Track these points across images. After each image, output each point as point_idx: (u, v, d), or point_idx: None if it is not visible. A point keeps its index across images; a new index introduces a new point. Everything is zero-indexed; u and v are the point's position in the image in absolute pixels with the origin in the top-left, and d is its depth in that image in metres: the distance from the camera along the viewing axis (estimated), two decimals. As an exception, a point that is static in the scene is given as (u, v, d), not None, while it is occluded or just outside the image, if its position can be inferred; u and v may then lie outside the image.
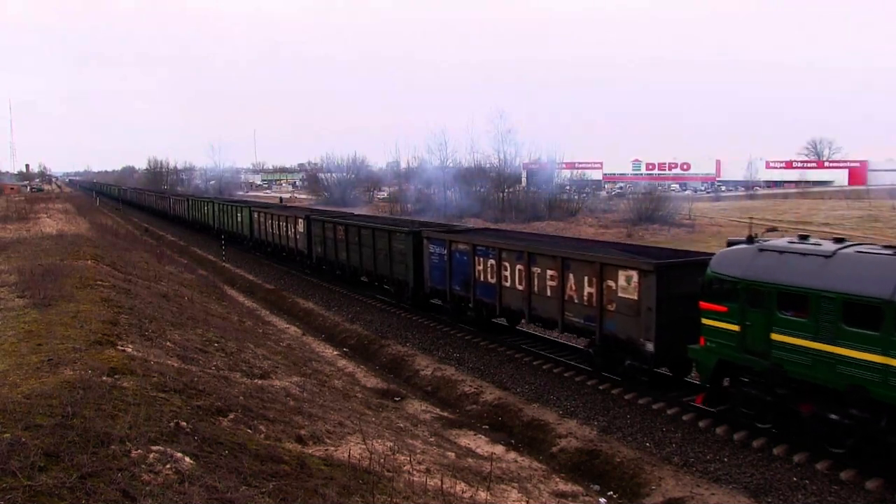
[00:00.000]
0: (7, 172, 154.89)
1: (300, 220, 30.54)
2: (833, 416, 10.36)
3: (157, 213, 71.34)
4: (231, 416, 8.22)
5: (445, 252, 19.17)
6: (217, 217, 45.77)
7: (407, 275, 21.46)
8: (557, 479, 10.65)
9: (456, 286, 19.03)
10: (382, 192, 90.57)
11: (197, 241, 46.40)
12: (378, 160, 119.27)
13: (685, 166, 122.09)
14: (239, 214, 40.81)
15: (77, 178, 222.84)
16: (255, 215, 37.52)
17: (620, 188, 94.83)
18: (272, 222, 34.51)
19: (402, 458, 8.57)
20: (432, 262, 20.02)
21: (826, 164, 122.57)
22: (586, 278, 14.44)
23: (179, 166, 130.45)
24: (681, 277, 12.98)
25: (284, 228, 32.58)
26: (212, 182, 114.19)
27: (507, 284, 16.89)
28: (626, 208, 56.23)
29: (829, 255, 10.43)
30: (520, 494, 8.94)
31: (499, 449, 12.16)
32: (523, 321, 17.63)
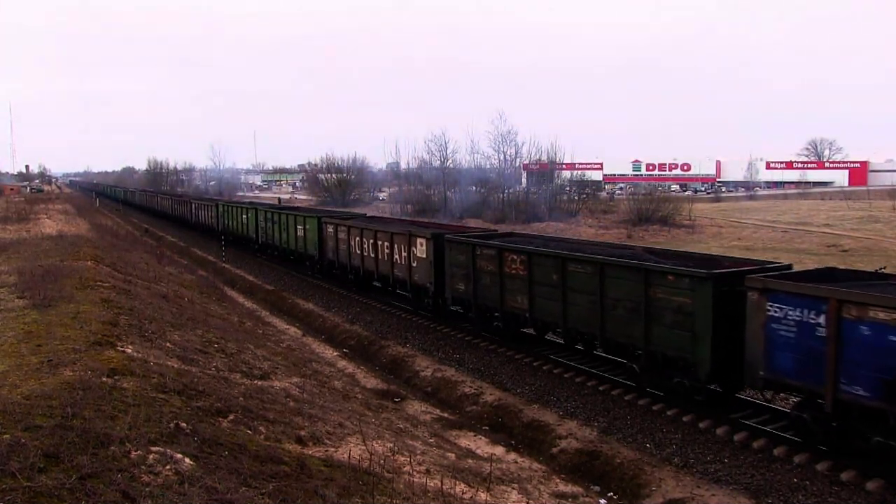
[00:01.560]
0: (7, 173, 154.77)
1: (420, 241, 20.73)
2: None
3: (173, 220, 60.38)
4: (231, 416, 8.22)
5: (822, 321, 10.48)
6: (263, 229, 35.66)
7: (693, 350, 12.45)
8: (557, 480, 10.65)
9: (854, 388, 10.26)
10: (382, 193, 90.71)
11: (197, 243, 46.40)
12: (378, 161, 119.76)
13: (685, 167, 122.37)
14: (300, 227, 30.32)
15: (77, 178, 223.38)
16: (329, 230, 27.19)
17: (622, 188, 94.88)
18: (360, 241, 24.52)
19: (402, 458, 8.56)
20: (776, 335, 11.22)
21: (826, 164, 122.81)
22: None
23: (179, 167, 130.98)
24: None
25: (386, 251, 22.69)
26: (212, 183, 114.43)
27: None
28: (626, 209, 56.41)
29: None
30: (520, 495, 8.94)
31: (499, 450, 12.15)
32: None
